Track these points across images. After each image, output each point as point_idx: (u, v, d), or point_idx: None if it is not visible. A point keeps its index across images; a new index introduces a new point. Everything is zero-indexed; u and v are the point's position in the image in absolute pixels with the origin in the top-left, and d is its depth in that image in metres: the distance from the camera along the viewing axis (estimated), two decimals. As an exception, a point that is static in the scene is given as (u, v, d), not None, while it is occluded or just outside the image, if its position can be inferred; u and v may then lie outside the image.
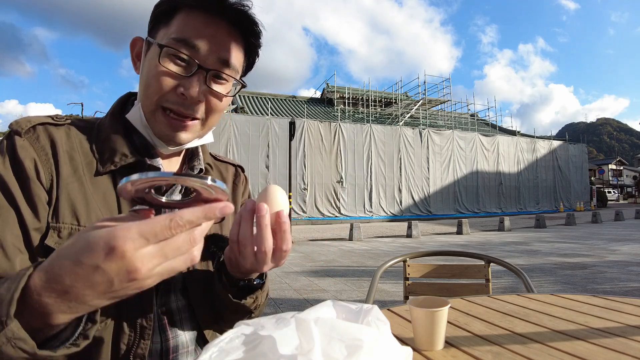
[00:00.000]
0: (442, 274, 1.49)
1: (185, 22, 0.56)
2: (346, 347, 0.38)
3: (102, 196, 0.56)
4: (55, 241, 0.51)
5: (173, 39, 0.55)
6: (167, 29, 0.57)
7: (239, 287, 0.60)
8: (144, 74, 0.58)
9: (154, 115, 0.58)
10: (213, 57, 0.57)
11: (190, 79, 0.56)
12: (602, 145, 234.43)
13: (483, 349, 0.65)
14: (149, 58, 0.58)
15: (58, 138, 0.55)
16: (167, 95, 0.56)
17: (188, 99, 0.56)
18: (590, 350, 0.63)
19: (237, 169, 0.78)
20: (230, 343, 0.40)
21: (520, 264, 5.51)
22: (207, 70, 0.57)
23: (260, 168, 14.96)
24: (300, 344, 0.38)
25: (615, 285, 4.16)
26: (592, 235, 9.54)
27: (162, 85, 0.56)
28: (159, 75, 0.56)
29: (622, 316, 0.80)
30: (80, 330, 0.40)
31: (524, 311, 0.86)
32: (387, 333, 0.44)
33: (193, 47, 0.56)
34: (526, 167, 21.26)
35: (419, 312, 0.64)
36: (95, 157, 0.57)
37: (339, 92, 24.30)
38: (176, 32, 0.56)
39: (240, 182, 0.77)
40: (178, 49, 0.55)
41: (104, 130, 0.60)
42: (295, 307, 3.41)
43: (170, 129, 0.59)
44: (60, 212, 0.52)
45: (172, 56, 0.56)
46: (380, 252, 7.25)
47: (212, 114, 0.61)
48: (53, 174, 0.53)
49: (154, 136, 0.60)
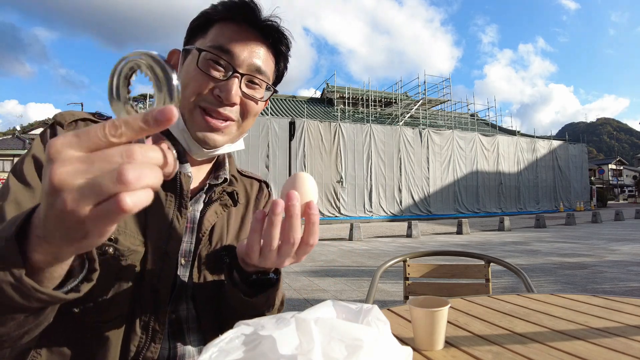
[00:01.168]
0: (442, 274, 1.49)
1: (221, 32, 0.60)
2: (346, 347, 0.38)
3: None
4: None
5: (210, 46, 0.59)
6: (203, 39, 0.61)
7: (251, 283, 0.58)
8: (182, 79, 0.60)
9: (192, 115, 0.60)
10: (247, 63, 0.60)
11: (226, 82, 0.59)
12: (602, 145, 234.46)
13: (483, 348, 0.65)
14: (187, 63, 0.61)
15: None
16: (203, 96, 0.59)
17: (224, 101, 0.59)
18: (590, 350, 0.63)
19: (262, 184, 0.80)
20: (230, 343, 0.40)
21: (520, 263, 5.52)
22: (242, 75, 0.60)
23: (260, 168, 14.95)
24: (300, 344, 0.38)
25: (615, 285, 4.16)
26: (592, 235, 9.54)
27: (200, 86, 0.58)
28: (197, 78, 0.58)
29: (622, 316, 0.80)
30: (79, 279, 0.37)
31: (524, 311, 0.86)
32: (387, 333, 0.44)
33: (228, 53, 0.59)
34: (526, 167, 21.27)
35: (419, 312, 0.64)
36: None
37: (339, 92, 24.31)
38: (212, 41, 0.60)
39: (262, 197, 0.78)
40: (215, 54, 0.59)
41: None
42: (295, 307, 3.41)
43: (208, 129, 0.60)
44: None
45: (209, 61, 0.59)
46: (380, 252, 7.25)
47: (247, 117, 0.64)
48: None
49: (190, 139, 0.61)
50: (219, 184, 0.67)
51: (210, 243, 0.64)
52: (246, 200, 0.74)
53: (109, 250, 0.53)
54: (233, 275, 0.60)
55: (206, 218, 0.64)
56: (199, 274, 0.62)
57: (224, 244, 0.65)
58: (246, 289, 0.59)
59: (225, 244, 0.66)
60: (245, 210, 0.73)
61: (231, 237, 0.68)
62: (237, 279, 0.59)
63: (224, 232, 0.66)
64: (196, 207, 0.64)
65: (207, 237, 0.64)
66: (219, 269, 0.65)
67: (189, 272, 0.62)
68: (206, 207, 0.65)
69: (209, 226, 0.64)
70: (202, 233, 0.63)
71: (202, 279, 0.63)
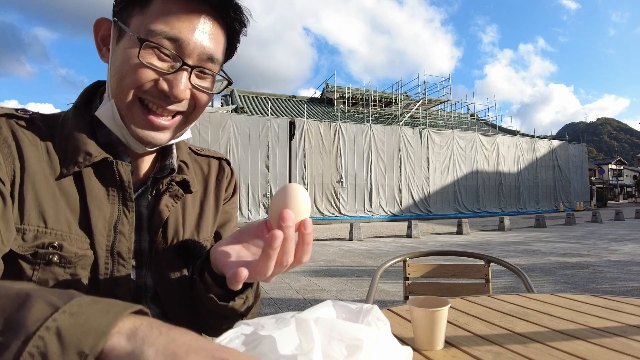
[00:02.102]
0: (442, 273, 1.49)
1: (165, 10, 0.50)
2: (346, 347, 0.38)
3: (66, 199, 0.51)
4: (19, 244, 0.47)
5: (152, 32, 0.50)
6: (142, 15, 0.51)
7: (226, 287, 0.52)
8: (117, 64, 0.52)
9: (130, 110, 0.53)
10: (197, 51, 0.52)
11: (173, 76, 0.52)
12: (602, 145, 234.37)
13: (483, 348, 0.65)
14: (124, 47, 0.52)
15: (21, 133, 0.51)
16: (146, 88, 0.52)
17: (171, 97, 0.52)
18: (591, 350, 0.63)
19: (222, 162, 0.72)
20: (230, 343, 0.40)
21: (520, 263, 5.51)
22: (191, 67, 0.53)
23: (260, 168, 14.94)
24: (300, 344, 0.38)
25: (615, 284, 4.16)
26: (592, 235, 9.53)
27: (141, 78, 0.51)
28: (138, 69, 0.50)
29: (622, 316, 0.80)
30: None
31: (524, 311, 0.86)
32: (387, 333, 0.44)
33: (176, 42, 0.51)
34: (526, 166, 21.27)
35: (419, 312, 0.64)
36: (59, 156, 0.52)
37: (339, 92, 24.30)
38: (157, 23, 0.50)
39: (224, 177, 0.70)
40: (161, 45, 0.50)
41: (66, 127, 0.55)
42: (295, 307, 3.41)
43: (150, 128, 0.54)
44: (25, 212, 0.47)
45: (153, 50, 0.51)
46: (380, 252, 7.25)
47: (196, 110, 0.57)
48: (16, 169, 0.48)
49: (128, 136, 0.55)
50: (164, 175, 0.60)
51: (165, 240, 0.58)
52: (204, 183, 0.67)
53: (53, 258, 0.48)
54: (204, 279, 0.54)
55: (156, 214, 0.58)
56: (159, 274, 0.57)
57: (180, 239, 0.60)
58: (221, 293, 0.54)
59: (184, 237, 0.60)
60: (204, 195, 0.66)
61: (190, 228, 0.62)
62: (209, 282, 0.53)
63: (179, 226, 0.60)
64: (141, 202, 0.58)
65: (162, 234, 0.58)
66: (179, 266, 0.60)
67: (144, 272, 0.57)
68: (155, 201, 0.58)
69: (160, 222, 0.58)
70: (155, 230, 0.57)
71: (163, 279, 0.58)
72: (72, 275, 0.50)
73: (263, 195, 14.95)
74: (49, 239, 0.48)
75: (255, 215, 14.54)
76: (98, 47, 0.56)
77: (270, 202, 0.45)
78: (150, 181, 0.59)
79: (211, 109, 16.50)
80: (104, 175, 0.54)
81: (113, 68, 0.53)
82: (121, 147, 0.57)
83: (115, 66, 0.53)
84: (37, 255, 0.48)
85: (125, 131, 0.54)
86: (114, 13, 0.54)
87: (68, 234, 0.50)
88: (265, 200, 14.94)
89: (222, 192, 0.69)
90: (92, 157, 0.52)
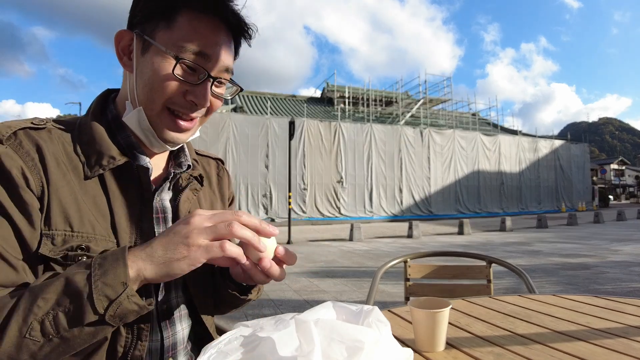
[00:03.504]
0: (443, 274, 1.48)
1: (193, 27, 0.56)
2: (346, 348, 0.38)
3: (93, 200, 0.56)
4: (50, 249, 0.51)
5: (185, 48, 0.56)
6: (169, 31, 0.56)
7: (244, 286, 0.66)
8: (146, 76, 0.57)
9: (160, 117, 0.59)
10: (219, 64, 0.59)
11: (200, 87, 0.58)
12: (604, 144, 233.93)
13: (484, 350, 0.65)
14: (153, 61, 0.57)
15: (42, 142, 0.54)
16: (174, 99, 0.58)
17: (199, 106, 0.59)
18: (592, 351, 0.63)
19: (218, 163, 0.81)
20: (229, 345, 0.39)
21: (522, 264, 5.50)
22: (213, 79, 0.59)
23: (260, 168, 14.96)
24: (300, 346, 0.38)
25: (617, 285, 4.15)
26: (594, 236, 9.51)
27: (172, 90, 0.57)
28: (170, 82, 0.56)
29: (624, 317, 0.80)
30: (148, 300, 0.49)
31: (526, 312, 0.86)
32: (387, 334, 0.44)
33: (204, 57, 0.57)
34: (528, 166, 21.24)
35: (420, 313, 0.64)
36: (82, 160, 0.57)
37: (339, 91, 24.31)
38: (187, 39, 0.56)
39: (224, 176, 0.79)
40: (197, 63, 0.57)
41: (86, 132, 0.59)
42: (295, 308, 3.41)
43: (178, 131, 0.61)
44: (52, 218, 0.52)
45: (182, 64, 0.57)
46: (381, 252, 7.25)
47: (210, 113, 0.64)
48: (43, 180, 0.52)
49: (154, 138, 0.60)
50: (183, 171, 0.67)
51: None
52: (208, 179, 0.76)
53: (82, 259, 0.52)
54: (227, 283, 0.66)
55: (181, 205, 0.65)
56: None
57: None
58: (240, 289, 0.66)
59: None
60: (210, 189, 0.75)
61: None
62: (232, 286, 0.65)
63: None
64: (163, 196, 0.64)
65: None
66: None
67: None
68: (178, 195, 0.65)
69: (185, 212, 0.64)
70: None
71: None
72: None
73: (262, 196, 14.96)
74: (77, 242, 0.53)
75: (255, 215, 14.54)
76: (119, 57, 0.61)
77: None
78: (171, 176, 0.65)
79: (212, 109, 16.48)
80: (124, 177, 0.59)
81: (140, 79, 0.58)
82: (140, 148, 0.62)
83: (143, 78, 0.58)
84: (68, 258, 0.52)
85: (152, 134, 0.60)
86: (132, 25, 0.59)
87: (93, 235, 0.54)
88: (264, 200, 14.96)
89: (225, 190, 0.78)
90: (115, 161, 0.58)
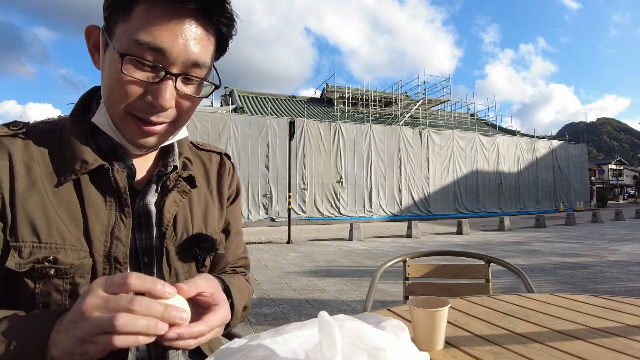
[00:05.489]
0: (442, 274, 1.49)
1: (147, 18, 0.49)
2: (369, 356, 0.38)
3: (66, 207, 0.53)
4: (16, 262, 0.49)
5: (135, 42, 0.49)
6: (126, 24, 0.50)
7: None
8: (106, 76, 0.53)
9: (123, 121, 0.54)
10: (182, 59, 0.51)
11: (158, 86, 0.51)
12: (602, 145, 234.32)
13: (483, 349, 0.65)
14: (109, 60, 0.52)
15: (13, 149, 0.52)
16: (133, 104, 0.52)
17: (157, 108, 0.52)
18: (591, 350, 0.63)
19: (223, 157, 0.74)
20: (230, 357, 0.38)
21: (520, 264, 5.51)
22: (176, 76, 0.52)
23: (260, 168, 14.95)
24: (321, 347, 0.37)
25: (615, 285, 4.16)
26: (592, 235, 9.53)
27: (127, 93, 0.51)
28: (123, 84, 0.50)
29: (622, 316, 0.80)
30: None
31: (524, 311, 0.86)
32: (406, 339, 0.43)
33: (159, 51, 0.49)
34: (526, 166, 21.27)
35: (419, 312, 0.64)
36: (58, 164, 0.54)
37: (338, 92, 24.30)
38: (138, 32, 0.49)
39: (225, 171, 0.72)
40: (142, 57, 0.49)
41: (65, 134, 0.56)
42: (295, 307, 3.41)
43: (141, 135, 0.55)
44: (18, 230, 0.49)
45: (135, 61, 0.50)
46: (380, 252, 7.25)
47: (183, 116, 0.57)
48: (5, 191, 0.50)
49: (123, 140, 0.56)
50: (169, 172, 0.61)
51: (175, 234, 0.60)
52: (206, 177, 0.69)
53: (50, 272, 0.50)
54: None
55: (166, 209, 0.59)
56: (169, 268, 0.59)
57: (190, 233, 0.62)
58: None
59: (193, 231, 0.62)
60: (207, 188, 0.68)
61: (198, 222, 0.64)
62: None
63: (188, 220, 0.62)
64: (148, 199, 0.59)
65: (172, 229, 0.60)
66: (190, 259, 0.62)
67: (156, 268, 0.59)
68: (163, 198, 0.60)
69: (170, 218, 0.60)
70: (165, 226, 0.59)
71: (173, 273, 0.59)
72: (72, 285, 0.52)
73: (263, 196, 14.94)
74: (44, 254, 0.50)
75: (255, 215, 14.54)
76: (91, 54, 0.56)
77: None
78: (154, 178, 0.60)
79: (211, 109, 16.50)
80: (101, 182, 0.56)
81: (103, 78, 0.54)
82: (122, 149, 0.58)
83: (104, 78, 0.54)
84: (35, 270, 0.50)
85: (121, 136, 0.56)
86: (103, 19, 0.54)
87: (62, 245, 0.51)
88: (265, 200, 14.95)
89: (225, 187, 0.71)
90: (88, 165, 0.54)
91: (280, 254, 7.00)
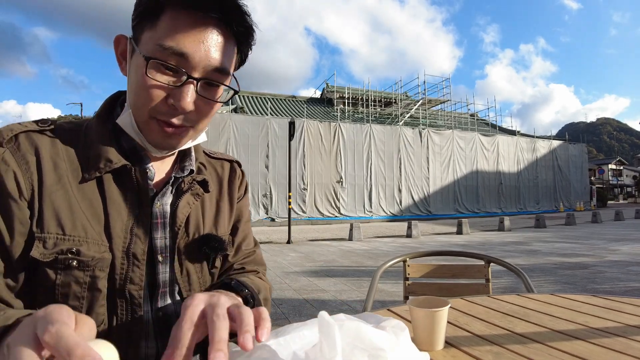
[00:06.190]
0: (442, 274, 1.49)
1: (172, 25, 0.52)
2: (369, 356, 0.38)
3: (89, 203, 0.55)
4: (41, 252, 0.50)
5: (160, 46, 0.52)
6: (152, 31, 0.53)
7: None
8: (132, 80, 0.56)
9: (147, 125, 0.57)
10: (203, 64, 0.54)
11: (180, 90, 0.54)
12: (602, 145, 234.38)
13: (483, 349, 0.65)
14: (135, 65, 0.55)
15: (42, 145, 0.54)
16: (157, 107, 0.55)
17: (179, 110, 0.55)
18: (591, 350, 0.63)
19: (233, 164, 0.77)
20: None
21: (520, 264, 5.51)
22: (197, 80, 0.54)
23: (260, 168, 14.95)
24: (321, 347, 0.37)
25: (615, 285, 4.16)
26: (592, 235, 9.54)
27: (151, 97, 0.54)
28: (147, 88, 0.53)
29: (622, 316, 0.80)
30: None
31: (524, 311, 0.86)
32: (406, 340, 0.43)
33: (182, 56, 0.53)
34: (526, 167, 21.27)
35: (419, 312, 0.64)
36: (82, 162, 0.57)
37: (338, 92, 24.31)
38: (163, 38, 0.52)
39: (236, 178, 0.76)
40: (165, 60, 0.52)
41: (90, 134, 0.59)
42: (295, 308, 3.41)
43: (164, 138, 0.58)
44: (44, 222, 0.51)
45: (159, 66, 0.53)
46: (380, 252, 7.25)
47: (203, 120, 0.60)
48: (35, 184, 0.52)
49: (146, 142, 0.59)
50: (185, 175, 0.64)
51: (187, 235, 0.63)
52: (219, 184, 0.72)
53: (72, 263, 0.52)
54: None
55: (179, 210, 0.62)
56: (180, 267, 0.62)
57: (201, 234, 0.65)
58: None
59: (204, 232, 0.65)
60: (219, 195, 0.71)
61: (208, 225, 0.67)
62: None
63: (199, 222, 0.65)
64: (164, 200, 0.62)
65: (184, 230, 0.62)
66: (200, 259, 0.64)
67: (169, 267, 0.61)
68: (177, 200, 0.63)
69: (183, 218, 0.62)
70: (178, 226, 0.61)
71: (184, 272, 0.62)
72: (92, 278, 0.54)
73: (263, 196, 14.95)
74: (67, 245, 0.52)
75: (255, 216, 14.54)
76: (119, 62, 0.60)
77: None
78: (172, 181, 0.63)
79: (211, 109, 16.46)
80: (123, 180, 0.58)
81: (129, 82, 0.58)
82: (143, 151, 0.61)
83: (130, 81, 0.57)
84: (58, 261, 0.51)
85: (144, 138, 0.59)
86: (132, 28, 0.58)
87: (85, 239, 0.53)
88: (264, 200, 14.95)
89: (235, 192, 0.75)
90: (112, 164, 0.57)
91: (280, 254, 7.00)
